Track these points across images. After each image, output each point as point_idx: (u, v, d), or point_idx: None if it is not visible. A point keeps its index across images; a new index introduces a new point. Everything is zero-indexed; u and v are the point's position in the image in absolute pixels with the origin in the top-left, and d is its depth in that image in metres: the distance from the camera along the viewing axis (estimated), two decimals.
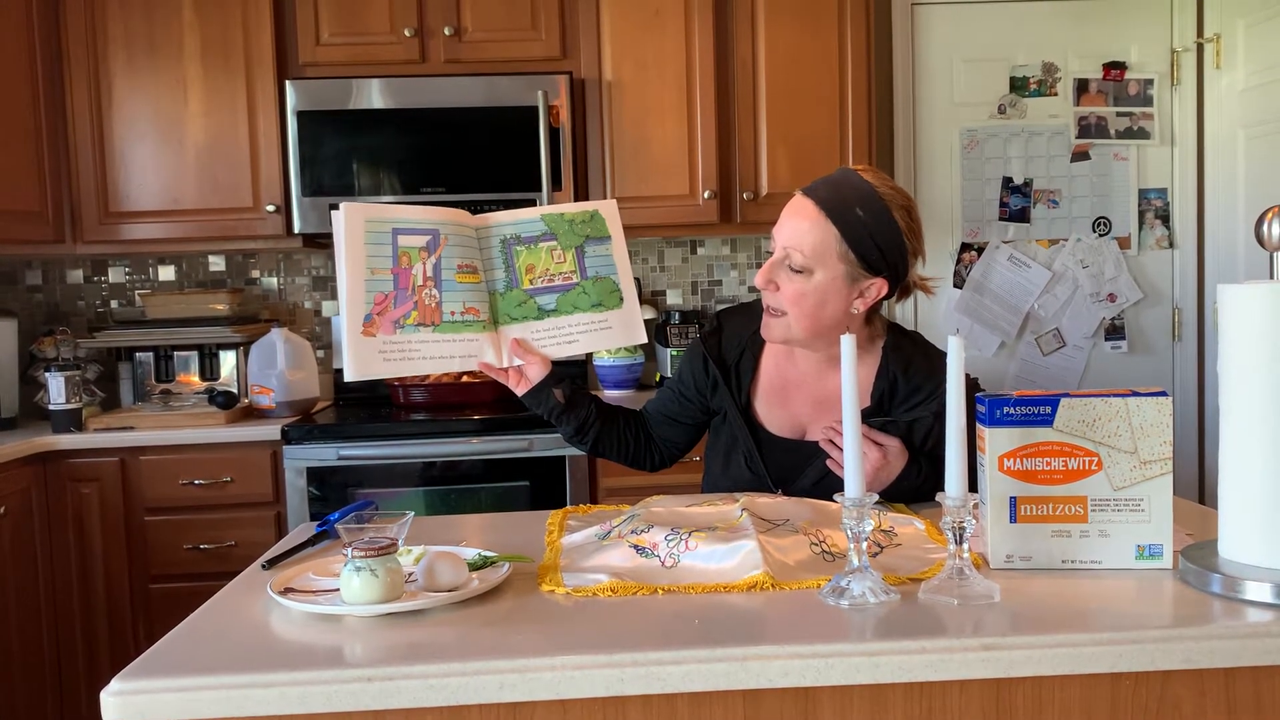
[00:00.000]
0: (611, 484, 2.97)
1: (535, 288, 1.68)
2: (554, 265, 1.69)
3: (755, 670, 1.06)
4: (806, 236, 1.63)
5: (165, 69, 3.17)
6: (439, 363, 1.63)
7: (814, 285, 1.64)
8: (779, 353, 1.83)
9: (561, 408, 1.81)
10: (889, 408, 1.75)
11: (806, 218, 1.64)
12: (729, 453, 1.85)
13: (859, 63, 3.28)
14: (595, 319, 1.70)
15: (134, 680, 1.05)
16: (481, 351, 1.66)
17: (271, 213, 3.19)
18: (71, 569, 2.94)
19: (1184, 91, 3.67)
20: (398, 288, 1.60)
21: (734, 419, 1.82)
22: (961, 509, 1.22)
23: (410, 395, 3.23)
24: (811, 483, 1.76)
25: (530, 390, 1.76)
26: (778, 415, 1.82)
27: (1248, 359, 1.21)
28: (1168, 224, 3.71)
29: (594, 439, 1.88)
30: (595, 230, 1.71)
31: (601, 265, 1.71)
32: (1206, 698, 1.12)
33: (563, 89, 3.15)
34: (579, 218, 1.71)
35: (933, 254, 3.67)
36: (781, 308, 1.67)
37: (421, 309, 1.61)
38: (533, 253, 1.68)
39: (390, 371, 1.60)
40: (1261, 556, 1.20)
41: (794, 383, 1.81)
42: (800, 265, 1.64)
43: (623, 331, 1.72)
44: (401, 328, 1.59)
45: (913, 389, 1.74)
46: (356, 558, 1.22)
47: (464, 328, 1.64)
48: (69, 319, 3.57)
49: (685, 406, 1.91)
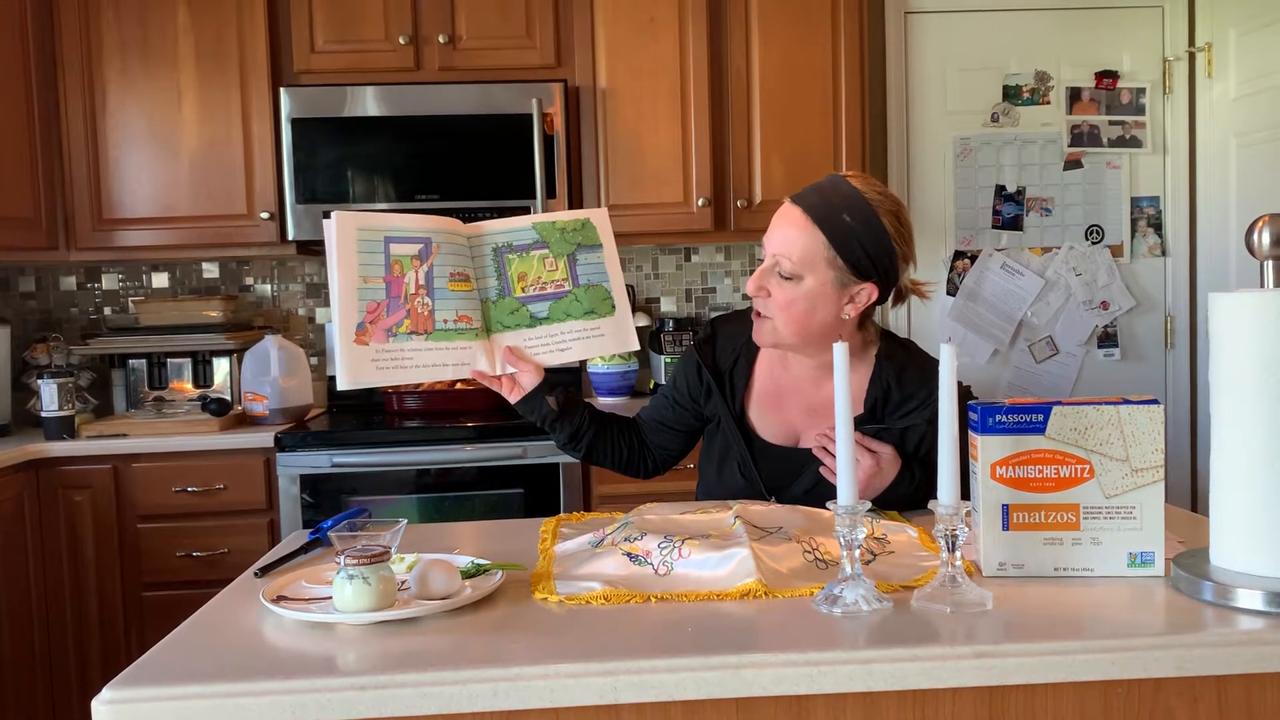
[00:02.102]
0: (605, 491, 2.97)
1: (527, 296, 1.69)
2: (546, 273, 1.69)
3: (748, 678, 1.06)
4: (795, 243, 1.65)
5: (159, 76, 3.17)
6: (432, 370, 1.63)
7: (803, 291, 1.65)
8: (773, 359, 1.83)
9: (555, 415, 1.81)
10: (882, 415, 1.75)
11: (795, 225, 1.66)
12: (723, 459, 1.85)
13: (852, 71, 3.29)
14: (588, 326, 1.71)
15: (126, 688, 1.05)
16: (474, 359, 1.66)
17: (265, 220, 3.19)
18: (64, 576, 2.93)
19: (1176, 100, 3.69)
20: (390, 296, 1.60)
21: (728, 426, 1.82)
22: (954, 516, 1.22)
23: (404, 403, 3.23)
24: (804, 490, 1.76)
25: (524, 398, 1.76)
26: (772, 422, 1.82)
27: (1239, 367, 1.21)
28: (1160, 232, 3.73)
29: (587, 446, 1.88)
30: (587, 238, 1.72)
31: (593, 273, 1.71)
32: (1199, 705, 1.12)
33: (557, 97, 3.15)
34: (570, 226, 1.72)
35: (926, 262, 3.70)
36: (771, 313, 1.69)
37: (414, 317, 1.61)
38: (525, 261, 1.69)
39: (383, 380, 1.60)
40: (1253, 564, 1.21)
41: (788, 390, 1.82)
42: (789, 272, 1.65)
43: (615, 339, 1.72)
44: (394, 336, 1.60)
45: (906, 396, 1.74)
46: (349, 565, 1.22)
47: (457, 336, 1.64)
48: (62, 326, 3.56)
49: (679, 413, 1.91)
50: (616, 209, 3.23)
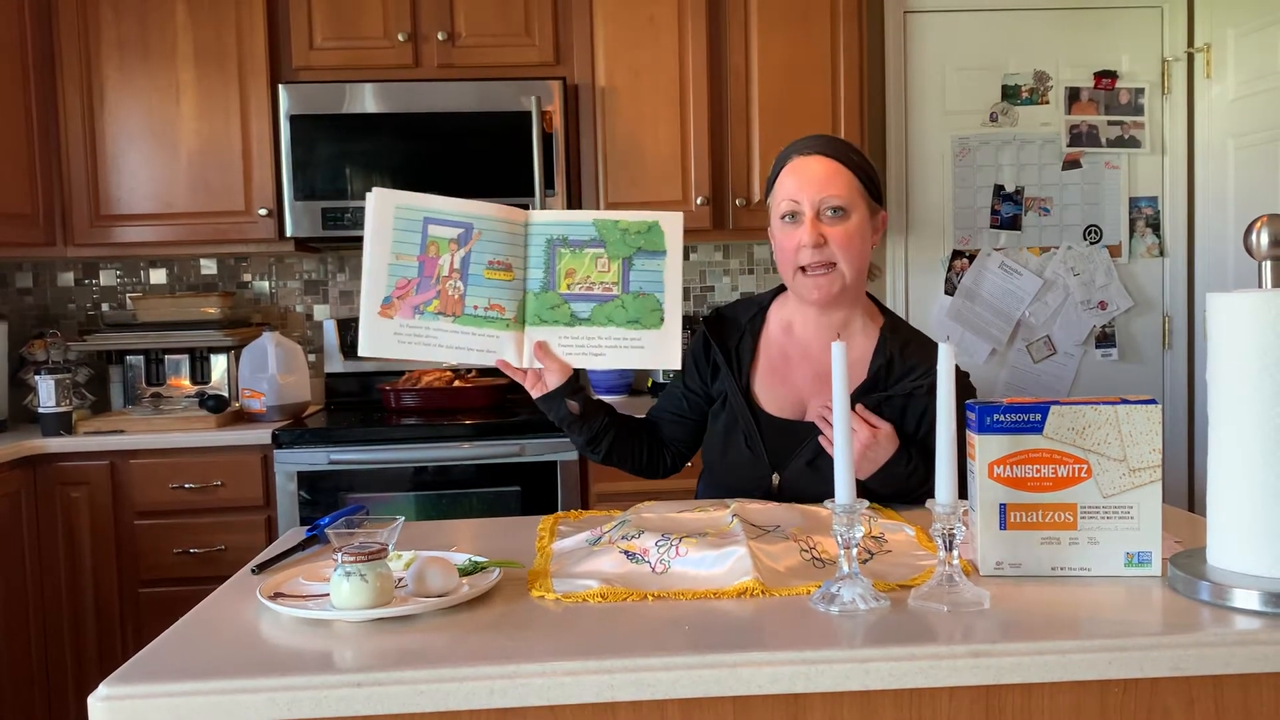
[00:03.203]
0: (603, 489, 2.97)
1: (571, 293, 1.65)
2: (596, 274, 1.65)
3: (745, 676, 1.06)
4: (835, 181, 1.73)
5: (158, 72, 3.16)
6: (455, 353, 1.62)
7: (855, 225, 1.74)
8: (778, 331, 1.87)
9: (574, 417, 1.80)
10: (885, 384, 1.78)
11: (826, 167, 1.74)
12: (728, 434, 1.86)
13: (851, 71, 3.29)
14: (628, 335, 1.65)
15: (122, 685, 1.05)
16: (501, 349, 1.64)
17: (264, 216, 3.19)
18: (60, 573, 2.93)
19: (1174, 101, 3.69)
20: (422, 275, 1.60)
21: (734, 398, 1.84)
22: (951, 516, 1.22)
23: (402, 400, 3.23)
24: (807, 461, 1.78)
25: (545, 396, 1.75)
26: (778, 394, 1.84)
27: (1237, 367, 1.21)
28: (1158, 232, 3.73)
29: (606, 449, 1.88)
30: (650, 243, 1.65)
31: (648, 281, 1.65)
32: (1195, 705, 1.12)
33: (556, 95, 3.15)
34: (635, 228, 1.65)
35: (924, 261, 3.70)
36: (833, 258, 1.73)
37: (443, 299, 1.61)
38: (576, 257, 1.65)
39: (404, 352, 1.60)
40: (1250, 564, 1.21)
41: (795, 359, 1.85)
42: (841, 205, 1.72)
43: (655, 354, 1.66)
44: (421, 314, 1.60)
45: (908, 368, 1.78)
46: (347, 562, 1.22)
47: (485, 323, 1.63)
48: (59, 322, 3.56)
49: (693, 401, 1.92)
50: (614, 207, 3.23)
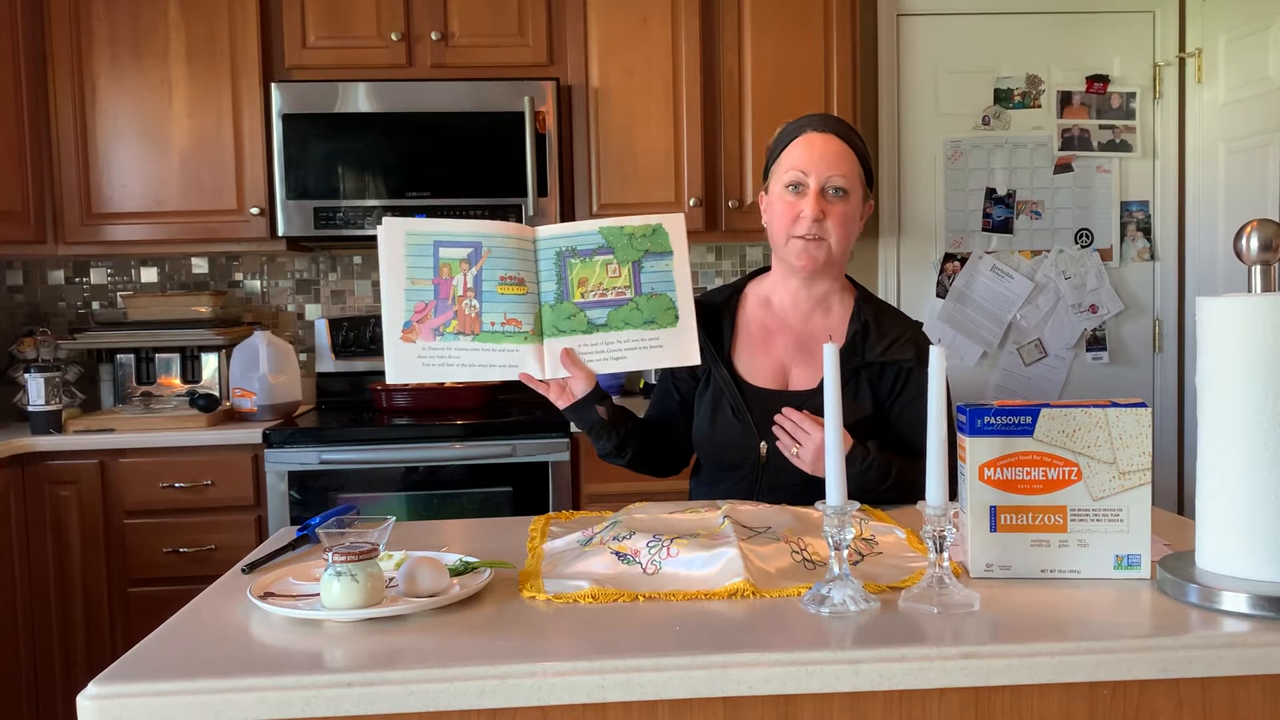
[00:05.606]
0: (594, 490, 2.97)
1: (586, 301, 1.68)
2: (608, 279, 1.68)
3: (736, 677, 1.07)
4: (842, 162, 1.79)
5: (150, 70, 3.15)
6: (479, 370, 1.66)
7: (852, 207, 1.82)
8: (755, 306, 1.93)
9: (604, 424, 1.82)
10: (862, 351, 1.83)
11: (836, 146, 1.79)
12: (715, 409, 1.88)
13: (844, 73, 3.29)
14: (646, 336, 1.69)
15: (111, 684, 1.04)
16: (523, 362, 1.67)
17: (255, 215, 3.18)
18: (49, 571, 2.91)
19: (1166, 105, 3.71)
20: (438, 297, 1.64)
21: (717, 372, 1.87)
22: (942, 518, 1.23)
23: (393, 400, 3.22)
24: None
25: (572, 405, 1.76)
26: (760, 365, 1.88)
27: (1226, 371, 1.22)
28: (1149, 236, 3.74)
29: (632, 454, 1.91)
30: (656, 245, 1.70)
31: (659, 281, 1.69)
32: (1183, 707, 1.13)
33: (549, 95, 3.15)
34: (640, 231, 1.70)
35: (916, 263, 3.71)
36: (826, 234, 1.79)
37: (461, 318, 1.64)
38: (587, 266, 1.68)
39: (430, 376, 1.64)
40: (1238, 567, 1.21)
41: (775, 329, 1.90)
42: (845, 186, 1.79)
43: (674, 351, 1.70)
44: (441, 335, 1.63)
45: (883, 335, 1.84)
46: (337, 562, 1.21)
47: (504, 338, 1.66)
48: (49, 320, 3.54)
49: (683, 390, 1.94)
50: (607, 208, 3.23)
